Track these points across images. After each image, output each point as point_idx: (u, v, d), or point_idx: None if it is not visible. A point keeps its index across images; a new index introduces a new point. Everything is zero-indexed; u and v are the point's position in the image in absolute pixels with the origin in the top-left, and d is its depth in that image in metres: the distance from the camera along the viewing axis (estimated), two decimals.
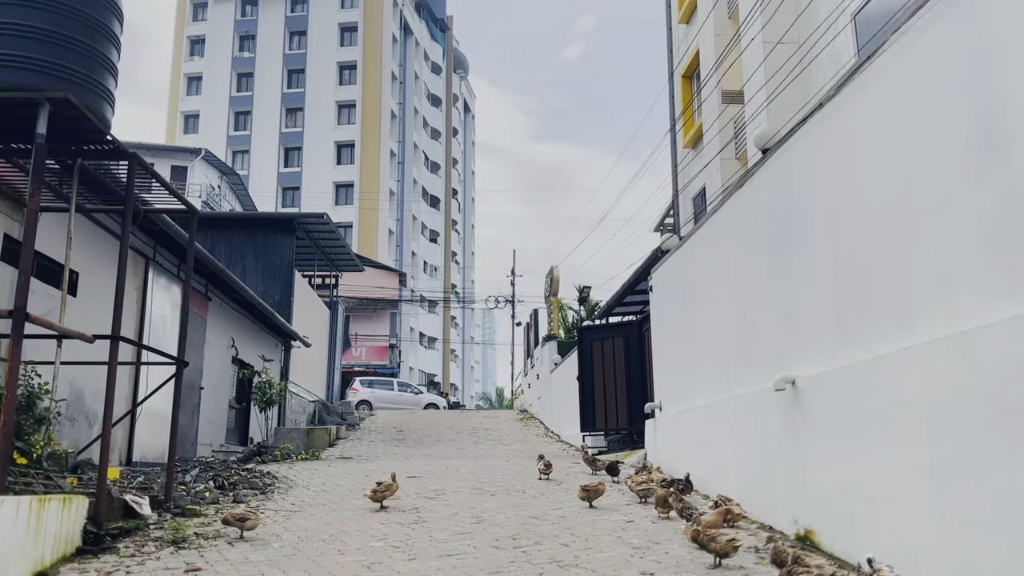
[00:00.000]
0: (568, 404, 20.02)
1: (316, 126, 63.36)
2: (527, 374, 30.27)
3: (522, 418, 26.71)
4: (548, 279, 30.27)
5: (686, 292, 10.86)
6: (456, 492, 10.15)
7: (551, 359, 23.56)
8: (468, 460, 14.67)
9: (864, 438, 5.95)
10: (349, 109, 63.71)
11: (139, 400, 10.63)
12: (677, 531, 7.60)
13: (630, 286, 14.94)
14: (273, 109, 64.84)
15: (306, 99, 64.34)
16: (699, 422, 10.00)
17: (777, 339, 7.81)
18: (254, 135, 64.85)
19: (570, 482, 10.92)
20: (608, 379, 15.26)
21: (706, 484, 9.44)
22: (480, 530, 7.71)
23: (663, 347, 12.11)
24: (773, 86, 14.54)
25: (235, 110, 65.92)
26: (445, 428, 23.07)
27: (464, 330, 79.49)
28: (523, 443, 19.98)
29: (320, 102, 63.76)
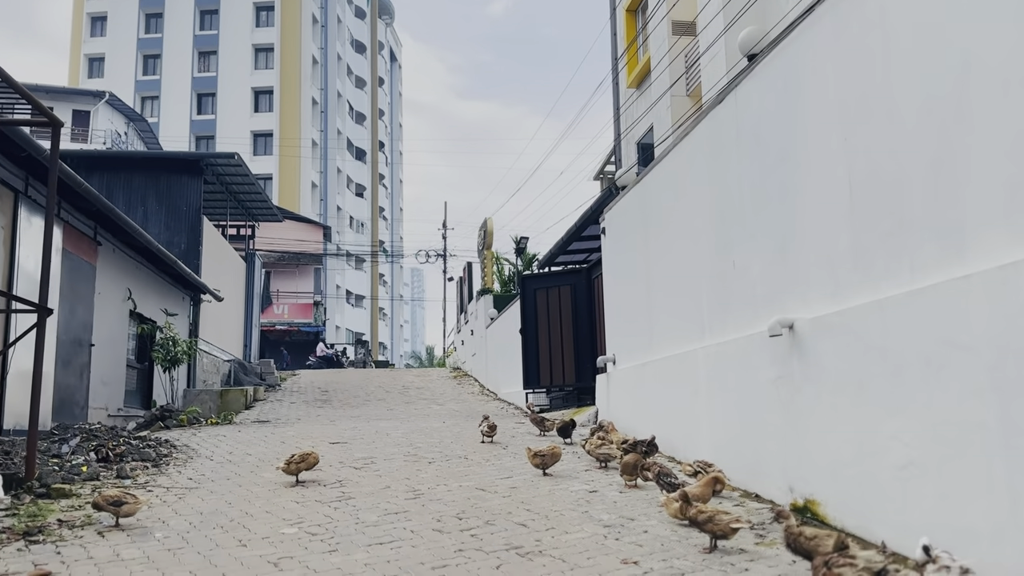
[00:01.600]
0: (506, 360, 18.83)
1: (231, 71, 59.64)
2: (460, 330, 28.97)
3: (455, 376, 25.46)
4: (482, 232, 28.87)
5: (647, 231, 9.64)
6: (388, 460, 8.80)
7: (487, 314, 22.30)
8: (400, 422, 13.33)
9: (895, 391, 4.83)
10: (267, 53, 60.17)
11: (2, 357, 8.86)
12: (650, 502, 6.45)
13: (577, 231, 13.70)
14: (184, 52, 60.71)
15: (220, 42, 60.42)
16: (662, 376, 8.87)
17: (767, 277, 6.65)
18: (164, 80, 60.68)
19: (517, 445, 9.69)
20: (554, 331, 14.03)
21: (672, 446, 8.33)
22: (418, 508, 6.40)
23: (617, 295, 10.92)
24: (731, 12, 13.32)
25: (143, 53, 61.47)
26: (374, 388, 21.64)
27: (393, 288, 77.46)
28: (458, 402, 18.73)
29: (235, 45, 59.97)
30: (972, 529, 4.15)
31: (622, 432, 9.03)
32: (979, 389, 4.13)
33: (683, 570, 4.65)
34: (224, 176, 21.19)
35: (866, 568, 3.71)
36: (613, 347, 10.95)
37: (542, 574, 4.63)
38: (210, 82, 60.42)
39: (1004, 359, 3.97)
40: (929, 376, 4.53)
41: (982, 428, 4.10)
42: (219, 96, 59.96)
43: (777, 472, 6.26)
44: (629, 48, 20.17)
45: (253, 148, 58.53)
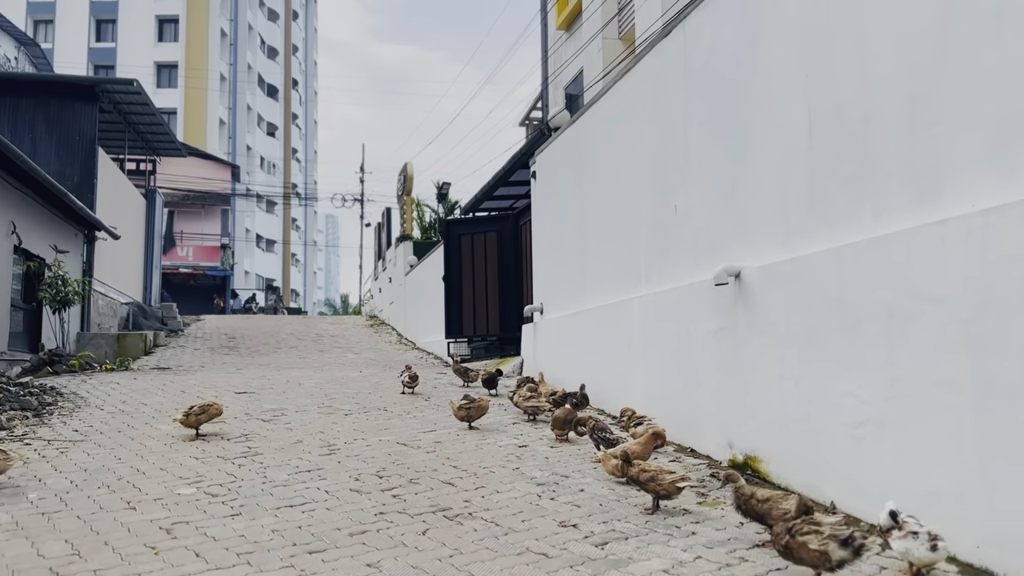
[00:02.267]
0: (426, 308, 18.27)
1: None
2: (378, 278, 28.15)
3: (372, 324, 24.74)
4: (401, 176, 27.89)
5: (582, 174, 9.17)
6: (300, 412, 8.18)
7: (406, 261, 21.59)
8: (313, 371, 12.65)
9: (852, 345, 4.54)
10: None
11: None
12: (583, 458, 6.09)
13: (504, 175, 13.13)
14: None
15: None
16: (594, 326, 8.50)
17: (712, 223, 6.28)
18: (60, 3, 56.21)
19: (439, 397, 9.21)
20: (478, 279, 13.52)
21: (602, 398, 8.01)
22: (333, 465, 5.85)
23: (547, 241, 10.47)
24: None
25: None
26: (285, 335, 20.75)
27: (306, 233, 75.20)
28: (376, 351, 18.10)
29: None
30: (935, 491, 3.91)
31: (551, 384, 8.66)
32: (951, 345, 3.85)
33: (625, 533, 4.29)
34: (122, 105, 19.55)
35: (832, 535, 3.40)
36: (541, 296, 10.53)
37: (474, 539, 4.18)
38: (110, 7, 56.24)
39: (982, 313, 3.68)
40: (893, 330, 4.24)
41: (952, 387, 3.83)
42: (120, 23, 55.93)
43: (715, 427, 5.99)
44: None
45: (156, 80, 55.07)
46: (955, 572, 3.63)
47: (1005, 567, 3.51)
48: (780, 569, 3.74)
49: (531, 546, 4.08)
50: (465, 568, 3.77)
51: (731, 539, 4.21)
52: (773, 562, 3.83)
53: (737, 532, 4.32)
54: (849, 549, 3.37)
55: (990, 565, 3.57)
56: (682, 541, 4.17)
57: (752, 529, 4.36)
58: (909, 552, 3.52)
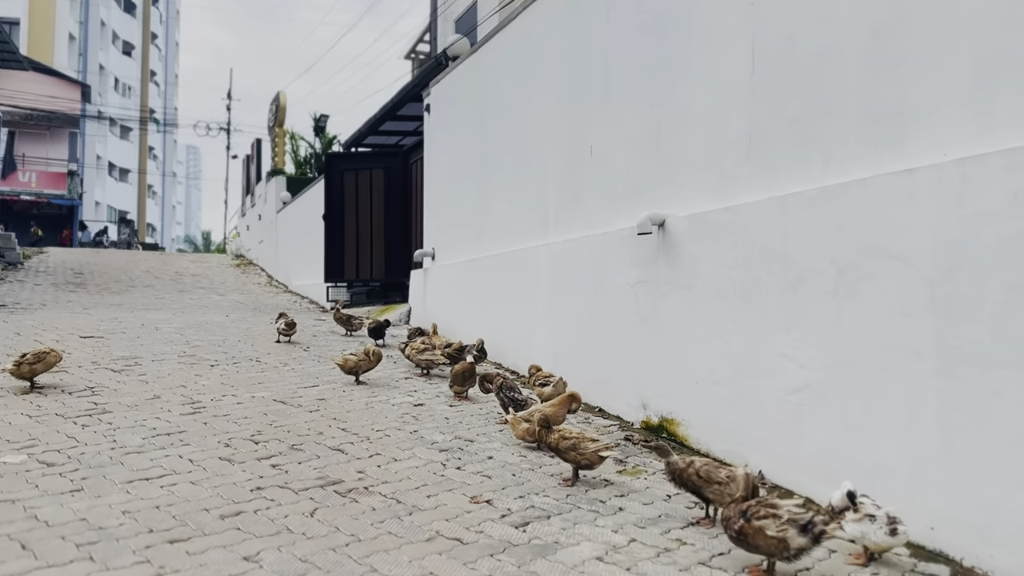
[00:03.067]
0: (301, 249, 17.13)
1: None
2: (246, 214, 26.39)
3: (239, 264, 23.18)
4: (273, 106, 26.06)
5: (484, 109, 8.46)
6: (158, 361, 7.20)
7: (278, 197, 20.20)
8: (173, 314, 11.45)
9: (792, 303, 4.17)
10: None
11: None
12: (486, 419, 5.56)
13: (393, 108, 12.16)
14: None
15: None
16: (494, 275, 7.92)
17: (634, 165, 5.78)
18: None
19: (320, 347, 8.41)
20: (363, 219, 12.57)
21: (501, 352, 7.49)
22: (199, 427, 5.03)
23: (442, 181, 9.73)
24: None
25: None
26: (140, 272, 19.05)
27: (165, 163, 70.26)
28: (243, 293, 16.85)
29: None
30: (883, 466, 3.60)
31: (444, 336, 8.04)
32: (913, 307, 3.51)
33: (547, 510, 3.78)
34: None
35: (791, 520, 3.00)
36: (433, 240, 9.83)
37: (373, 521, 3.55)
38: None
39: (953, 274, 3.34)
40: (842, 288, 3.88)
41: (912, 352, 3.50)
42: None
43: (629, 386, 5.58)
44: None
45: None
46: (906, 556, 3.35)
47: (963, 550, 3.24)
48: (723, 554, 3.34)
49: (442, 529, 3.50)
50: (365, 560, 3.15)
51: (663, 516, 3.79)
52: (714, 544, 3.42)
53: (667, 507, 3.91)
54: (809, 536, 2.98)
55: (946, 548, 3.30)
56: (610, 520, 3.70)
57: (682, 503, 3.96)
58: (865, 536, 3.19)
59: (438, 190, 9.81)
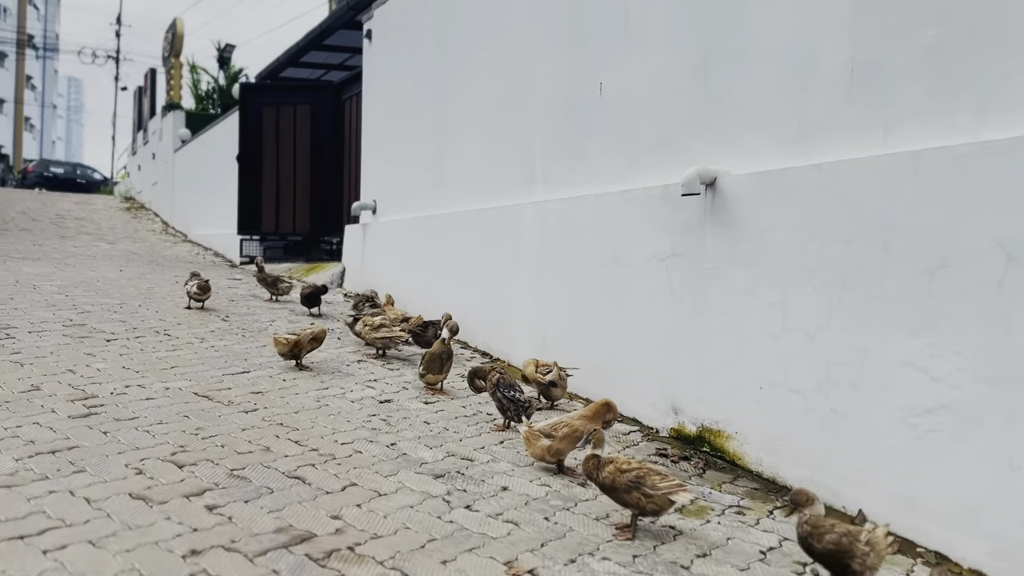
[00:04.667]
0: (204, 195, 15.26)
1: None
2: (136, 152, 23.88)
3: (129, 208, 20.89)
4: (169, 34, 23.50)
5: (444, 34, 7.10)
6: (37, 333, 5.64)
7: (176, 134, 18.08)
8: (55, 266, 9.65)
9: (931, 293, 3.15)
10: None
11: None
12: (478, 424, 4.39)
13: (320, 35, 10.54)
14: None
15: None
16: (458, 237, 6.67)
17: (665, 109, 4.63)
18: None
19: (240, 315, 6.97)
20: (284, 162, 10.93)
21: (469, 331, 6.27)
22: (97, 440, 3.63)
23: (386, 121, 8.32)
24: None
25: None
26: (15, 214, 16.73)
27: (44, 95, 64.37)
28: (137, 241, 14.91)
29: None
30: None
31: (398, 308, 6.75)
32: None
33: None
34: None
35: None
36: (374, 191, 8.44)
37: None
38: None
39: None
40: (1012, 280, 2.88)
41: None
42: None
43: (652, 383, 4.51)
44: None
45: None
46: None
47: None
48: None
49: None
50: None
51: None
52: None
53: (771, 573, 2.86)
54: None
55: None
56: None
57: (785, 563, 2.92)
58: None
59: (381, 132, 8.40)
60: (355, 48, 11.73)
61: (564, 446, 3.60)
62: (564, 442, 3.59)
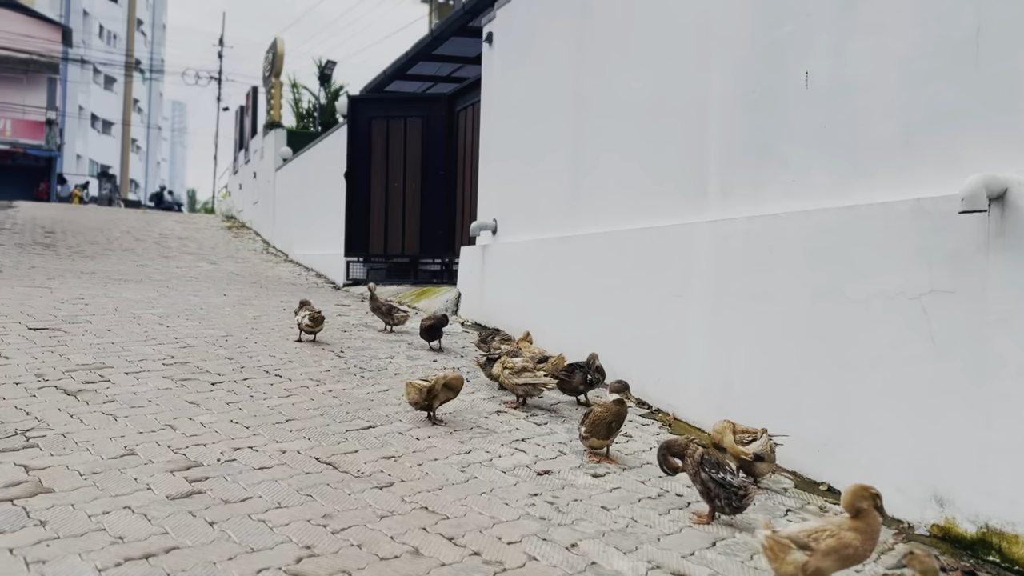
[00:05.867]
0: (306, 213, 14.84)
1: None
2: (238, 171, 23.98)
3: (230, 227, 20.84)
4: (270, 54, 23.54)
5: (585, 29, 6.19)
6: (136, 374, 4.97)
7: (277, 153, 17.84)
8: (157, 289, 9.19)
9: None
10: None
11: None
12: (664, 508, 3.40)
13: (430, 45, 9.81)
14: None
15: None
16: (602, 262, 5.71)
17: (914, 98, 3.57)
18: None
19: (356, 349, 6.20)
20: (394, 179, 10.25)
21: (620, 374, 5.29)
22: (200, 536, 2.82)
23: (509, 131, 7.48)
24: None
25: None
26: (120, 233, 16.73)
27: (150, 116, 67.08)
28: (238, 261, 14.58)
29: None
30: None
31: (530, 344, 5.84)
32: None
33: None
34: None
35: None
36: (495, 209, 7.60)
37: None
38: None
39: None
40: None
41: None
42: None
43: (901, 461, 3.43)
44: None
45: None
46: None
47: None
48: None
49: None
50: None
51: None
52: None
53: None
54: None
55: None
56: None
57: None
58: None
59: (502, 143, 7.56)
60: (465, 58, 11.01)
61: (828, 565, 2.58)
62: (828, 559, 2.57)
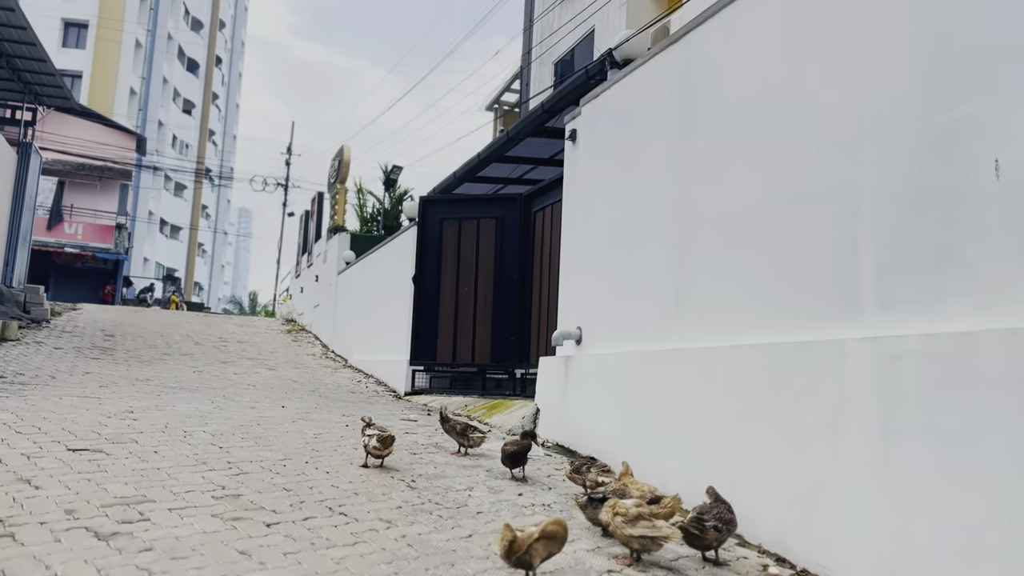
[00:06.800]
0: (366, 317, 14.37)
1: None
2: (300, 275, 23.94)
3: (290, 330, 20.55)
4: (336, 161, 23.89)
5: (687, 118, 5.59)
6: (179, 511, 4.26)
7: (340, 256, 17.64)
8: (212, 399, 8.62)
9: None
10: None
11: None
12: None
13: (503, 146, 9.43)
14: None
15: None
16: (719, 381, 4.90)
17: None
18: None
19: (428, 478, 5.41)
20: (465, 283, 9.67)
21: (749, 522, 4.39)
22: None
23: (595, 232, 6.85)
24: None
25: None
26: (179, 336, 16.48)
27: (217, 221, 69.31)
28: (297, 367, 14.08)
29: None
30: None
31: (618, 475, 4.98)
32: None
33: None
34: None
35: None
36: (579, 316, 6.89)
37: None
38: None
39: None
40: None
41: None
42: None
43: None
44: None
45: (63, 39, 49.10)
46: None
47: None
48: None
49: None
50: None
51: None
52: None
53: None
54: None
55: None
56: None
57: None
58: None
59: (587, 245, 6.92)
60: (537, 159, 10.63)
61: None
62: None
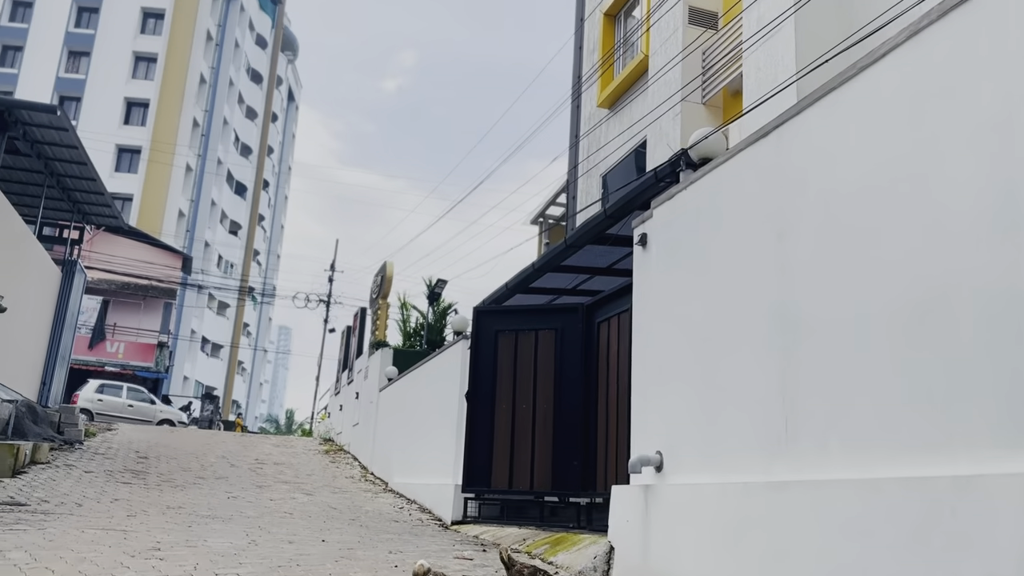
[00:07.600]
0: (408, 437, 13.61)
1: (104, 75, 52.54)
2: (339, 392, 23.37)
3: (328, 450, 19.79)
4: (379, 277, 23.76)
5: (788, 216, 5.00)
6: None
7: (382, 372, 17.06)
8: (245, 530, 7.87)
9: None
10: (148, 63, 53.53)
11: None
12: None
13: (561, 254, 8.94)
14: (52, 49, 53.33)
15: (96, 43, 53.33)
16: (854, 524, 4.08)
17: None
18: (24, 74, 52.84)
19: None
20: (522, 401, 8.95)
21: None
22: None
23: (671, 341, 6.18)
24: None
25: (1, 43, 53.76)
26: (215, 458, 15.83)
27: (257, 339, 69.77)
28: (335, 491, 13.26)
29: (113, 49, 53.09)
30: None
31: None
32: None
33: None
34: (43, 147, 15.32)
35: None
36: (658, 439, 6.12)
37: None
38: (77, 85, 53.04)
39: None
40: None
41: None
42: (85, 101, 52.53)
43: None
44: (605, 59, 16.11)
45: (116, 163, 51.26)
46: None
47: None
48: None
49: None
50: None
51: None
52: None
53: None
54: None
55: None
56: None
57: None
58: None
59: (664, 358, 6.24)
60: (595, 268, 10.11)
61: None
62: None
